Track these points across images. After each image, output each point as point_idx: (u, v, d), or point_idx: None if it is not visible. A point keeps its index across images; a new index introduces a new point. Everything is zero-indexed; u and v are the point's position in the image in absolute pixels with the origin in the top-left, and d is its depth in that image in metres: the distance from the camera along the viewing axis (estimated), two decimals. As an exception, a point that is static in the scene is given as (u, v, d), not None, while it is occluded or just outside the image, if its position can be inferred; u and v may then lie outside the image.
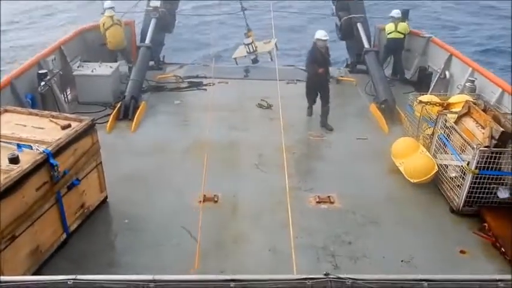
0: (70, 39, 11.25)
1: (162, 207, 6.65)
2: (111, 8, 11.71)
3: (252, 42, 13.16)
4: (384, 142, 8.61)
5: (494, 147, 6.26)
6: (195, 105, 10.54)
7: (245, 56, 13.35)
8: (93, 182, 6.29)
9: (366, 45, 11.83)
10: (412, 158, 7.67)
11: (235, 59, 13.87)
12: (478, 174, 6.32)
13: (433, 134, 7.70)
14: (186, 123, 9.65)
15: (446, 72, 11.34)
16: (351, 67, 13.25)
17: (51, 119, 6.09)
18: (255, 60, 13.24)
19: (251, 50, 13.14)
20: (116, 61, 11.61)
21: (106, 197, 6.60)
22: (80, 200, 5.99)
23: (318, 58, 9.24)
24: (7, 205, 4.59)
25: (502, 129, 6.26)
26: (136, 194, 6.93)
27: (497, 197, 6.47)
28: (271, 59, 13.22)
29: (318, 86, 9.54)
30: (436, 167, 7.23)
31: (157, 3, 12.27)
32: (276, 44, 13.52)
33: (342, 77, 12.57)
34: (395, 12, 12.37)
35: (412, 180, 7.37)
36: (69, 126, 5.81)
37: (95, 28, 12.03)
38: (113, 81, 10.56)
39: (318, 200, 6.93)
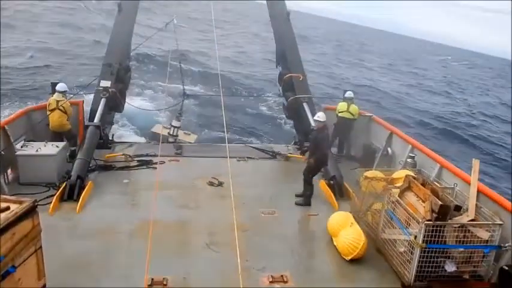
0: (14, 119, 10.92)
1: None
2: (63, 92, 11.50)
3: (179, 127, 13.66)
4: None
5: (434, 221, 6.48)
6: (144, 184, 10.29)
7: (165, 135, 13.72)
8: (31, 268, 5.82)
9: (312, 124, 12.34)
10: (342, 233, 7.73)
11: (152, 132, 14.33)
12: (425, 248, 6.47)
13: (375, 208, 7.90)
14: (134, 203, 9.33)
15: (389, 149, 11.97)
16: (299, 145, 13.67)
17: (-12, 201, 5.74)
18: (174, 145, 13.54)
19: (173, 133, 13.57)
20: (62, 141, 11.34)
21: (44, 285, 6.09)
22: (14, 290, 5.50)
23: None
24: None
25: (440, 202, 6.55)
26: (79, 280, 6.47)
27: (445, 270, 6.61)
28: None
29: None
30: (364, 238, 7.38)
31: (108, 84, 12.36)
32: (195, 140, 14.96)
33: (290, 154, 12.91)
34: (349, 93, 13.12)
35: (346, 258, 7.41)
36: (7, 208, 5.47)
37: (42, 108, 11.82)
38: (59, 161, 10.24)
39: (271, 279, 6.76)
